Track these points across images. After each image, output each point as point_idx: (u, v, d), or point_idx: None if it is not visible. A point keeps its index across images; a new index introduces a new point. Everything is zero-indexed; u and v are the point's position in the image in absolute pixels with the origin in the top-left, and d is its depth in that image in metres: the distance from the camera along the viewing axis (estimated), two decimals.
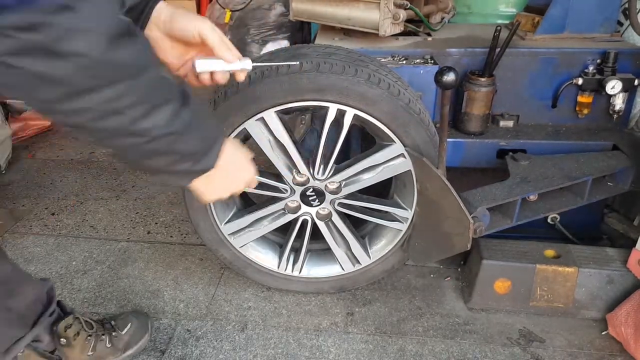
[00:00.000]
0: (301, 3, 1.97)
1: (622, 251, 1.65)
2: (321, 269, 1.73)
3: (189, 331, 1.63)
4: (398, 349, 1.56)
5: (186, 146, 0.80)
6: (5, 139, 2.63)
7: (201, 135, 0.82)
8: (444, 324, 1.65)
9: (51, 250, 2.04)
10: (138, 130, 0.72)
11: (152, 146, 0.75)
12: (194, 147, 0.82)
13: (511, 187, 1.51)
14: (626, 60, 1.68)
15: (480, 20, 2.19)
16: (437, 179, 1.36)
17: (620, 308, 1.54)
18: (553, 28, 1.81)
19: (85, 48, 0.60)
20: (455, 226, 1.39)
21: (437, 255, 1.56)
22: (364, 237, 1.72)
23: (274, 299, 1.76)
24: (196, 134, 0.80)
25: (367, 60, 1.43)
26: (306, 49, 1.46)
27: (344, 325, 1.65)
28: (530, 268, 1.61)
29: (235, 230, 1.65)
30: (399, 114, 1.40)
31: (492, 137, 1.72)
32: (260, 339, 1.60)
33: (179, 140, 0.78)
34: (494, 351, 1.55)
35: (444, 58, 1.74)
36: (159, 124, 0.73)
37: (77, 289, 1.82)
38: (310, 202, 1.58)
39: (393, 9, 1.70)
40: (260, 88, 1.37)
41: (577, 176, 1.54)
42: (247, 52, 3.21)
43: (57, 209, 2.33)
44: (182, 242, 2.08)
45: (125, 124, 0.70)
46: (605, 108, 1.74)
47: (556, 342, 1.57)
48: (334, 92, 1.37)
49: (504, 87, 1.74)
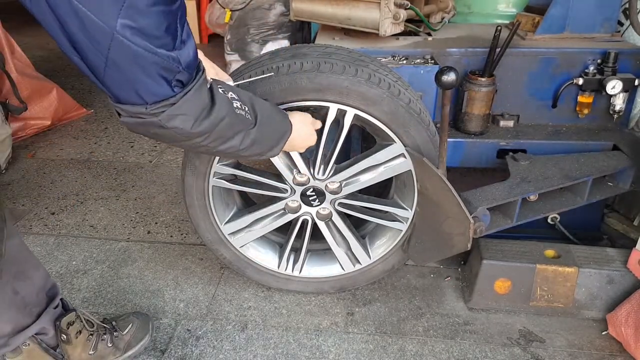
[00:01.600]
0: (301, 3, 1.97)
1: (622, 251, 1.65)
2: (321, 269, 1.73)
3: (189, 331, 1.63)
4: (398, 349, 1.56)
5: (255, 150, 1.20)
6: (5, 139, 2.63)
7: (267, 141, 1.22)
8: (444, 324, 1.65)
9: (51, 249, 2.04)
10: (219, 151, 1.13)
11: (233, 155, 1.22)
12: (261, 149, 1.22)
13: (511, 187, 1.51)
14: (626, 60, 1.68)
15: (480, 20, 2.19)
16: (438, 179, 1.36)
17: (620, 308, 1.55)
18: (553, 28, 1.81)
19: (180, 124, 0.98)
20: (456, 226, 1.39)
21: (437, 255, 1.56)
22: (364, 237, 1.72)
23: (274, 299, 1.76)
24: (259, 145, 1.20)
25: (368, 60, 1.43)
26: (306, 48, 1.46)
27: (344, 325, 1.65)
28: (531, 268, 1.61)
29: (235, 230, 1.65)
30: (400, 114, 1.40)
31: (493, 137, 1.72)
32: (261, 339, 1.60)
33: (250, 149, 1.18)
34: (494, 351, 1.55)
35: (444, 58, 1.73)
36: (234, 146, 1.13)
37: (77, 289, 1.82)
38: (310, 202, 1.58)
39: (393, 9, 1.70)
40: (260, 88, 1.37)
41: (577, 176, 1.54)
42: (247, 51, 3.21)
43: (57, 208, 2.32)
44: (182, 242, 2.08)
45: (209, 149, 1.11)
46: (606, 108, 1.74)
47: (556, 342, 1.57)
48: (334, 92, 1.37)
49: (504, 87, 1.74)
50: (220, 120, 1.04)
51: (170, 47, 0.89)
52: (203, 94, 1.00)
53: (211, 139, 1.07)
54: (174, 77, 0.92)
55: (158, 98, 0.93)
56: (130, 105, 0.93)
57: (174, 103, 0.94)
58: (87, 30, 0.82)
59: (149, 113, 0.93)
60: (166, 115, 0.95)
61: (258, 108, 1.17)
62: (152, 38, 0.86)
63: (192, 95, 0.96)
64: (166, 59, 0.89)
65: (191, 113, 0.98)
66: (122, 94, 0.92)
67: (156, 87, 0.91)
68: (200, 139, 1.05)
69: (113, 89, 0.91)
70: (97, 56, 0.85)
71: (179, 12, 0.91)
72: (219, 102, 1.04)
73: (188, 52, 0.94)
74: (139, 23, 0.83)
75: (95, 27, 0.81)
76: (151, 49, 0.86)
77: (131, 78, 0.89)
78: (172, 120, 0.96)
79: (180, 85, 0.95)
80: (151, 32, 0.85)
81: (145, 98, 0.92)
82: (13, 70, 2.82)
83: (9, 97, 2.81)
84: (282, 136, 1.26)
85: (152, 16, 0.84)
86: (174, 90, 0.93)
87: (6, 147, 2.65)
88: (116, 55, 0.84)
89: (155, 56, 0.87)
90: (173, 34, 0.89)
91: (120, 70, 0.87)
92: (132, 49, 0.84)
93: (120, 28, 0.81)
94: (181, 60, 0.92)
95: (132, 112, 0.94)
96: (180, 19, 0.91)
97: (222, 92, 1.07)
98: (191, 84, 0.96)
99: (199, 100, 0.99)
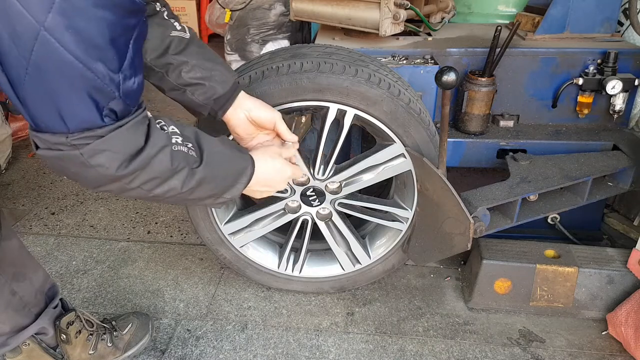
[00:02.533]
0: (301, 3, 1.97)
1: (622, 251, 1.66)
2: (321, 269, 1.73)
3: (189, 331, 1.63)
4: (398, 349, 1.56)
5: (203, 193, 1.00)
6: (6, 139, 2.63)
7: (219, 180, 1.03)
8: (444, 324, 1.65)
9: (51, 249, 2.04)
10: (156, 195, 0.93)
11: (174, 199, 0.98)
12: (212, 191, 1.02)
13: (511, 187, 1.51)
14: (626, 60, 1.68)
15: (480, 20, 2.19)
16: (438, 178, 1.36)
17: (620, 308, 1.55)
18: (553, 28, 1.81)
19: (106, 162, 0.82)
20: (456, 226, 1.39)
21: (437, 256, 1.56)
22: (364, 237, 1.72)
23: (274, 299, 1.76)
24: (209, 186, 1.00)
25: (368, 60, 1.43)
26: (306, 48, 1.46)
27: (344, 325, 1.65)
28: (531, 268, 1.61)
29: (235, 230, 1.65)
30: (400, 114, 1.40)
31: (493, 137, 1.72)
32: (261, 339, 1.60)
33: (196, 191, 0.98)
34: (494, 351, 1.55)
35: (444, 58, 1.74)
36: (174, 188, 0.93)
37: (77, 289, 1.82)
38: (310, 202, 1.58)
39: (393, 9, 1.70)
40: (260, 88, 1.37)
41: (577, 176, 1.54)
42: (247, 51, 3.21)
43: (57, 208, 2.33)
44: (182, 242, 2.08)
45: (143, 193, 0.92)
46: (606, 108, 1.74)
47: (556, 342, 1.57)
48: (334, 92, 1.37)
49: (504, 87, 1.74)
50: (151, 157, 0.87)
51: (113, 67, 0.76)
52: (138, 133, 0.86)
53: (142, 180, 0.88)
54: (107, 104, 0.78)
55: (83, 125, 0.78)
56: (50, 134, 0.78)
57: (102, 136, 0.79)
58: (12, 24, 0.68)
59: (70, 144, 0.78)
60: (90, 148, 0.79)
61: (205, 143, 1.00)
62: (90, 47, 0.72)
63: (125, 131, 0.82)
64: (101, 77, 0.75)
65: (120, 151, 0.83)
66: (42, 115, 0.77)
67: (82, 110, 0.77)
68: (127, 180, 0.87)
69: (32, 107, 0.76)
70: (18, 60, 0.71)
71: (134, 34, 0.79)
72: (154, 138, 0.88)
73: (134, 81, 0.81)
74: (74, 23, 0.69)
75: (20, 19, 0.67)
76: (85, 60, 0.72)
77: (54, 92, 0.74)
78: (96, 156, 0.80)
79: (113, 117, 0.80)
80: (89, 38, 0.72)
81: (68, 122, 0.77)
82: None
83: None
84: (240, 173, 1.07)
85: (94, 21, 0.71)
86: (104, 120, 0.79)
87: (6, 147, 2.65)
88: (40, 59, 0.70)
89: (87, 70, 0.73)
90: (120, 52, 0.76)
91: (43, 80, 0.72)
92: (59, 53, 0.70)
93: (50, 24, 0.67)
94: (122, 87, 0.78)
95: (50, 142, 0.79)
96: (134, 42, 0.79)
97: (160, 128, 0.93)
98: (127, 119, 0.82)
99: (132, 139, 0.84)
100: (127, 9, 0.76)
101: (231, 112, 1.22)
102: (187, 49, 1.16)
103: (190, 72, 1.16)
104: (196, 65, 1.16)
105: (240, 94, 1.23)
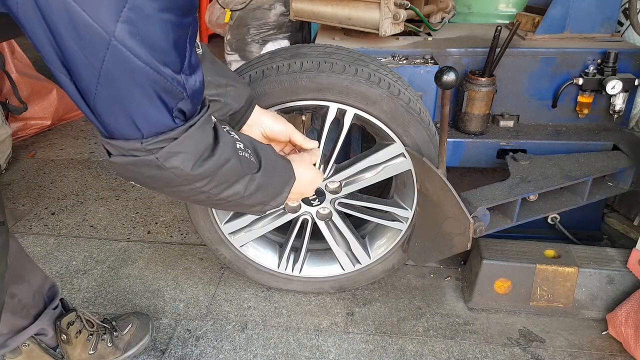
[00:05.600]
0: (301, 3, 1.97)
1: (622, 251, 1.65)
2: (321, 268, 1.73)
3: (189, 331, 1.63)
4: (398, 349, 1.56)
5: (257, 199, 1.04)
6: (6, 139, 2.63)
7: (271, 188, 1.07)
8: (444, 324, 1.65)
9: (51, 250, 2.04)
10: (221, 199, 0.96)
11: (230, 205, 1.01)
12: (264, 198, 1.06)
13: (511, 187, 1.51)
14: (626, 60, 1.68)
15: (480, 20, 2.19)
16: (438, 178, 1.36)
17: (620, 308, 1.54)
18: (553, 28, 1.81)
19: (180, 164, 0.84)
20: (456, 226, 1.39)
21: (437, 256, 1.56)
22: (364, 237, 1.72)
23: (274, 299, 1.76)
24: (263, 193, 1.04)
25: (368, 60, 1.43)
26: (306, 48, 1.46)
27: (344, 325, 1.65)
28: (531, 268, 1.61)
29: (235, 230, 1.64)
30: (399, 114, 1.40)
31: (492, 137, 1.72)
32: (261, 339, 1.60)
33: (253, 197, 1.02)
34: (494, 351, 1.55)
35: (444, 58, 1.74)
36: (238, 192, 0.97)
37: (77, 289, 1.82)
38: (310, 201, 1.58)
39: (393, 9, 1.70)
40: (260, 87, 1.37)
41: (577, 176, 1.54)
42: (247, 51, 3.21)
43: (57, 208, 2.33)
44: (182, 242, 2.08)
45: (211, 197, 0.94)
46: (606, 108, 1.74)
47: (556, 342, 1.57)
48: (334, 91, 1.37)
49: (504, 87, 1.74)
50: (225, 161, 0.90)
51: (176, 68, 0.76)
52: (207, 132, 0.87)
53: (214, 184, 0.92)
54: (176, 105, 0.79)
55: (157, 129, 0.79)
56: (124, 140, 0.79)
57: (176, 138, 0.80)
58: (80, 36, 0.68)
59: (145, 149, 0.79)
60: (165, 152, 0.80)
61: (260, 151, 1.04)
62: (157, 51, 0.73)
63: (196, 131, 0.83)
64: (170, 80, 0.75)
65: (193, 152, 0.84)
66: (115, 122, 0.78)
67: (155, 113, 0.77)
68: (201, 183, 0.89)
69: (105, 115, 0.77)
70: (89, 71, 0.71)
71: (190, 30, 0.78)
72: (223, 141, 0.90)
73: (195, 80, 0.81)
74: (142, 30, 0.70)
75: (89, 31, 0.68)
76: (153, 65, 0.72)
77: (127, 99, 0.75)
78: (171, 159, 0.81)
79: (182, 118, 0.81)
80: (156, 43, 0.72)
81: (142, 127, 0.78)
82: (13, 70, 2.82)
83: (9, 97, 2.80)
84: (286, 182, 1.11)
85: (160, 25, 0.72)
86: (175, 122, 0.80)
87: (6, 147, 2.65)
88: (112, 68, 0.71)
89: (157, 74, 0.73)
90: (181, 52, 0.77)
91: (115, 89, 0.73)
92: (130, 61, 0.71)
93: (120, 33, 0.68)
94: (187, 86, 0.79)
95: (124, 148, 0.79)
96: (190, 38, 0.79)
97: (227, 132, 0.95)
98: (195, 118, 0.83)
99: (203, 138, 0.86)
100: (185, 9, 0.75)
101: (246, 128, 1.23)
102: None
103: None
104: (210, 82, 1.15)
105: (255, 108, 1.24)
